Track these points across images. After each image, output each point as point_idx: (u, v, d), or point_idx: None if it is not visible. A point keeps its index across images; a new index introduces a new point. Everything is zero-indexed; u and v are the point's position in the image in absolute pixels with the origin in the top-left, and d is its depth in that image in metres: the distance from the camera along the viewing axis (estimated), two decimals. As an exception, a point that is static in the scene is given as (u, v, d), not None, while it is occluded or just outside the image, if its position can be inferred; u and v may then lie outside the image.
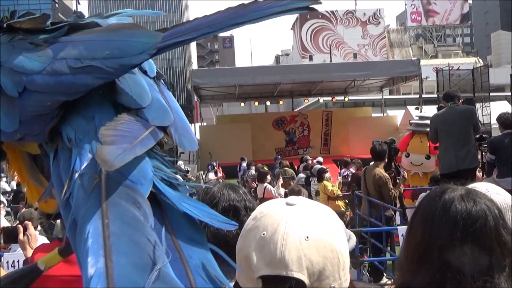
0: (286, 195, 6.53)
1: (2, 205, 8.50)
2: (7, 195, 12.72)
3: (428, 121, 7.87)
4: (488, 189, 1.43)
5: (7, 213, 9.67)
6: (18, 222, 4.26)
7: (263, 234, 0.97)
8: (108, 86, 0.82)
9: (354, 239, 2.22)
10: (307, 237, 0.95)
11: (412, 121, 8.32)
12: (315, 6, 0.82)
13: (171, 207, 0.76)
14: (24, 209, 5.67)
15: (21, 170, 0.93)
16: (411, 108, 23.34)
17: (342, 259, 0.98)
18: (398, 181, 6.92)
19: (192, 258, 0.73)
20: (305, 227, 0.96)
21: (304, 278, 0.93)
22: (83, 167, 0.75)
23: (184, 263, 0.72)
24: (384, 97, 27.09)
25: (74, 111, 0.81)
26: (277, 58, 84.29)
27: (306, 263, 0.93)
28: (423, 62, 26.40)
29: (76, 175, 0.75)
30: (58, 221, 1.74)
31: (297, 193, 6.27)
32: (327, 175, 10.41)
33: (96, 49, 0.79)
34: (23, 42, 0.83)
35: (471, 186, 1.37)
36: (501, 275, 1.12)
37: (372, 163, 6.97)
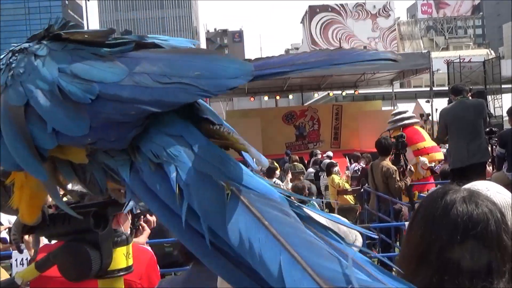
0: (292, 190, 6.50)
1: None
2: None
3: (399, 116, 7.93)
4: (488, 187, 1.40)
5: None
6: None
7: None
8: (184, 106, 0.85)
9: (360, 240, 2.22)
10: None
11: (388, 122, 8.21)
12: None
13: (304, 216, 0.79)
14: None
15: (23, 192, 0.93)
16: (422, 101, 23.23)
17: None
18: (406, 174, 6.88)
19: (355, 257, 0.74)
20: None
21: None
22: (194, 181, 0.78)
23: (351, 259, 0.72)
24: (395, 90, 26.91)
25: (151, 128, 0.84)
26: (286, 52, 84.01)
27: None
28: (434, 54, 26.21)
29: (188, 187, 0.78)
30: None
31: (302, 189, 6.28)
32: (336, 169, 10.40)
33: (182, 68, 0.83)
34: (82, 52, 0.87)
35: (470, 185, 1.34)
36: (500, 280, 1.09)
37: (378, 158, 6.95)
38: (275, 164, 12.92)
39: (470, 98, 6.63)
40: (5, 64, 0.89)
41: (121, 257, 1.00)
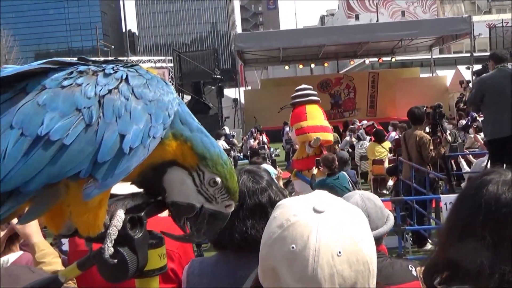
0: (318, 163, 6.47)
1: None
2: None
3: (293, 94, 7.37)
4: None
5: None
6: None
7: (292, 247, 0.92)
8: None
9: (392, 220, 2.20)
10: (340, 253, 0.91)
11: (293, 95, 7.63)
12: None
13: None
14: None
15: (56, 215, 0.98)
16: (462, 68, 22.50)
17: (372, 268, 0.95)
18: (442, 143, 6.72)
19: None
20: (336, 241, 0.92)
21: None
22: None
23: None
24: (434, 56, 26.21)
25: None
26: (322, 18, 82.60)
27: (339, 279, 0.90)
28: (475, 18, 25.32)
29: None
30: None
31: (332, 161, 6.24)
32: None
33: None
34: None
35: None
36: None
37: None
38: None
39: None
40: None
41: (156, 258, 1.04)
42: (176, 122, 1.03)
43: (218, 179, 1.05)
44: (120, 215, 0.98)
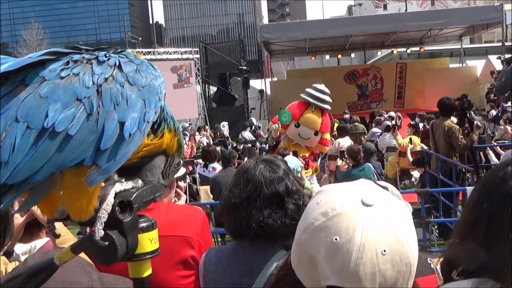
0: (342, 154, 6.45)
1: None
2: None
3: (323, 96, 6.98)
4: None
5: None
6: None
7: (336, 239, 0.89)
8: None
9: (410, 209, 2.17)
10: (384, 251, 0.88)
11: (309, 90, 7.20)
12: None
13: None
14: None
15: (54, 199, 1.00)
16: (493, 58, 21.99)
17: (413, 270, 0.92)
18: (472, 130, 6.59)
19: None
20: (383, 238, 0.89)
21: None
22: None
23: None
24: (464, 46, 25.66)
25: None
26: (349, 8, 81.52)
27: (380, 279, 0.88)
28: (507, 6, 24.59)
29: None
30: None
31: (357, 152, 6.20)
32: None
33: None
34: None
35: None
36: None
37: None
38: (336, 123, 12.86)
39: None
40: None
41: (147, 242, 1.07)
42: (166, 110, 1.11)
43: (181, 161, 1.21)
44: (110, 199, 1.01)
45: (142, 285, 1.09)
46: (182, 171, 2.25)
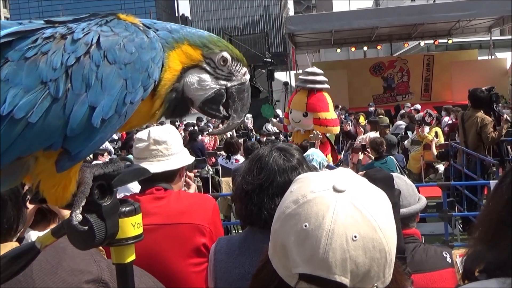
0: (364, 148, 6.36)
1: (106, 153, 9.08)
2: (115, 142, 13.14)
3: (312, 77, 6.91)
4: None
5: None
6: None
7: (305, 226, 0.87)
8: None
9: (424, 201, 2.14)
10: (355, 237, 0.85)
11: (300, 76, 7.29)
12: None
13: None
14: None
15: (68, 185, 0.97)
16: (524, 50, 21.51)
17: (389, 258, 0.88)
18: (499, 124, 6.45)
19: None
20: (353, 224, 0.86)
21: (346, 281, 0.84)
22: None
23: None
24: (493, 38, 25.08)
25: None
26: (376, 4, 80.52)
27: (351, 266, 0.84)
28: (539, -3, 23.91)
29: None
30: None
31: (380, 144, 6.12)
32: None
33: None
34: None
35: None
36: None
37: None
38: (363, 117, 12.77)
39: None
40: None
41: (129, 227, 1.03)
42: (168, 40, 1.01)
43: (225, 54, 1.05)
44: (88, 182, 0.96)
45: (125, 270, 1.05)
46: (191, 159, 2.24)
